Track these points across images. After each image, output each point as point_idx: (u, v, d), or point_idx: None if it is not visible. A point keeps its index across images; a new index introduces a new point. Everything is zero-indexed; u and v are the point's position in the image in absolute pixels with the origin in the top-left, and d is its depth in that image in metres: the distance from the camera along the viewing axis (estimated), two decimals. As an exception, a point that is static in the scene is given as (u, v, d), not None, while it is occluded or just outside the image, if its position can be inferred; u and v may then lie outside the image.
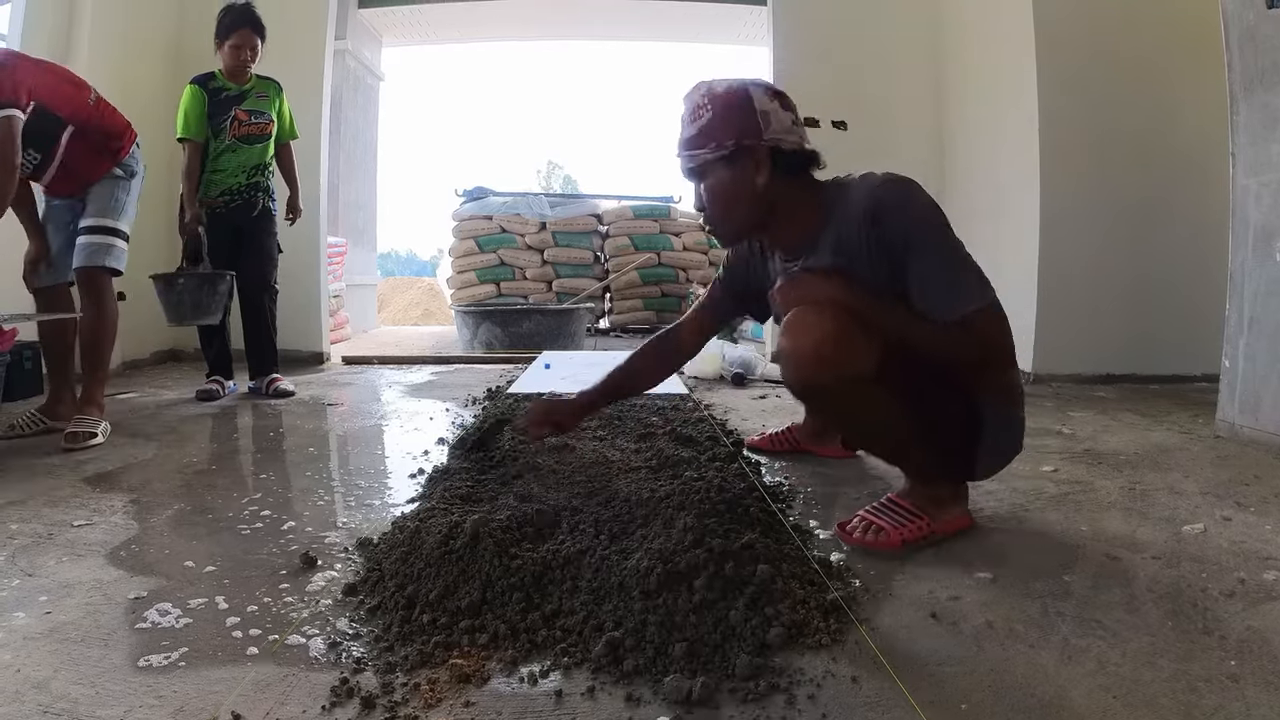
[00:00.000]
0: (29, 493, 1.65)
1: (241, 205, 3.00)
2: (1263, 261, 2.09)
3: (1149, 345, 3.21)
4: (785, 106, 1.36)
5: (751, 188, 1.33)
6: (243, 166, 2.99)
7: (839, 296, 1.26)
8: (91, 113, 2.24)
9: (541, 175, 28.41)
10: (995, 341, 1.30)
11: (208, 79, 2.95)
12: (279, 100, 3.09)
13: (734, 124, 1.31)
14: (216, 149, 2.94)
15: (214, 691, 0.87)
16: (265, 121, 3.02)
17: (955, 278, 1.27)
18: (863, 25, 3.95)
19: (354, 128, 6.36)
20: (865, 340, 1.23)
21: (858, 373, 1.24)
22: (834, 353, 1.22)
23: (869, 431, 1.45)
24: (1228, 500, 1.60)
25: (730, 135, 1.31)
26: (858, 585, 1.18)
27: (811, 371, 1.25)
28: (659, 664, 0.92)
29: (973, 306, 1.25)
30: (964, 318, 1.25)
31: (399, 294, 12.05)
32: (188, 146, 2.88)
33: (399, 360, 4.18)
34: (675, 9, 6.38)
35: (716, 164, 1.34)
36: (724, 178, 1.34)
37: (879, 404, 1.31)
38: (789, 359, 1.27)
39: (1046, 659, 0.96)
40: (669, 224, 6.39)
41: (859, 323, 1.23)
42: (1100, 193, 3.16)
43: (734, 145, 1.31)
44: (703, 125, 1.33)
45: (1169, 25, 3.11)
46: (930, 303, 1.26)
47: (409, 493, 1.66)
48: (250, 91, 2.99)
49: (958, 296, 1.25)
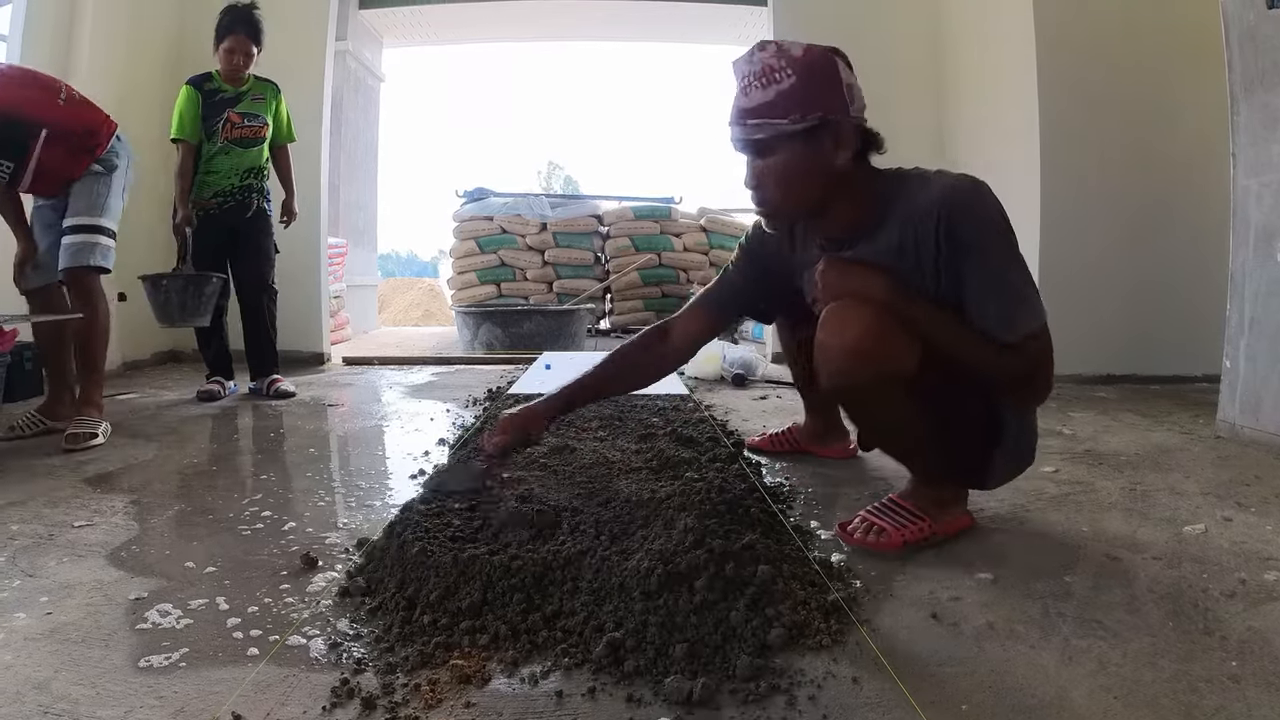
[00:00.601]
0: (30, 493, 1.65)
1: (235, 207, 2.98)
2: (1263, 262, 2.09)
3: (1150, 346, 3.21)
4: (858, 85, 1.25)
5: (828, 168, 1.22)
6: (236, 169, 2.97)
7: (886, 294, 1.20)
8: (63, 113, 2.17)
9: (542, 176, 28.40)
10: (1045, 366, 1.25)
11: (204, 80, 2.92)
12: (276, 103, 3.06)
13: (819, 94, 1.18)
14: (210, 151, 2.92)
15: (214, 692, 0.87)
16: (259, 125, 2.99)
17: (1020, 296, 1.21)
18: (863, 25, 3.95)
19: (354, 128, 6.37)
20: (907, 342, 1.19)
21: (895, 374, 1.19)
22: (873, 351, 1.17)
23: (890, 430, 1.38)
24: (1228, 501, 1.60)
25: (816, 107, 1.18)
26: (858, 586, 1.18)
27: (848, 368, 1.20)
28: (660, 665, 0.92)
29: (1032, 328, 1.21)
30: (1021, 339, 1.20)
31: (399, 295, 12.04)
32: (181, 147, 2.88)
33: (400, 361, 4.18)
34: (675, 9, 6.37)
35: (793, 138, 1.19)
36: (798, 154, 1.20)
37: (907, 405, 1.27)
38: (826, 354, 1.22)
39: (1047, 660, 0.96)
40: (670, 225, 6.39)
41: (902, 324, 1.19)
42: (1101, 193, 3.16)
43: (820, 118, 1.18)
44: (782, 91, 1.17)
45: (1169, 26, 3.11)
46: (989, 319, 1.20)
47: (410, 494, 1.66)
48: (246, 94, 2.97)
49: (1019, 316, 1.20)
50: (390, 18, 6.38)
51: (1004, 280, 1.21)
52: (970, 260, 1.19)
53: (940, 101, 4.00)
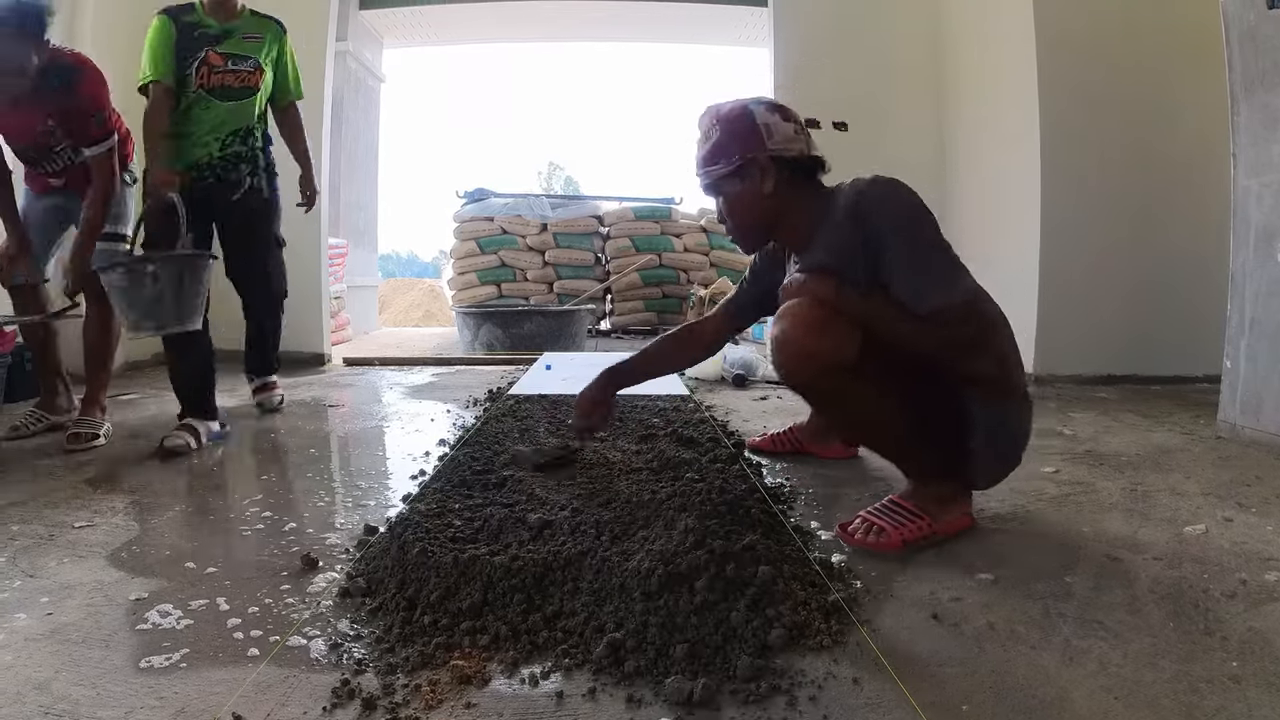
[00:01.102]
0: (30, 494, 1.65)
1: (215, 185, 2.30)
2: (1264, 262, 2.09)
3: (1150, 346, 3.20)
4: (786, 118, 1.45)
5: (760, 196, 1.44)
6: (215, 131, 2.28)
7: (823, 291, 1.34)
8: (118, 121, 2.21)
9: (542, 176, 28.45)
10: (959, 339, 1.31)
11: (182, 10, 2.28)
12: (277, 46, 2.43)
13: (738, 140, 1.42)
14: (183, 104, 2.24)
15: (215, 693, 0.88)
16: (248, 70, 2.31)
17: (923, 272, 1.31)
18: (863, 26, 3.95)
19: (355, 129, 6.37)
20: (845, 329, 1.30)
21: (839, 359, 1.30)
22: (814, 339, 1.30)
23: (863, 426, 1.49)
24: (1229, 501, 1.60)
25: (735, 150, 1.42)
26: (859, 586, 1.18)
27: (793, 356, 1.33)
28: (660, 665, 0.92)
29: (938, 301, 1.28)
30: (932, 312, 1.28)
31: (400, 295, 12.05)
32: (153, 90, 2.21)
33: (400, 362, 4.18)
34: (675, 10, 6.38)
35: (728, 178, 1.45)
36: (736, 190, 1.45)
37: (869, 398, 1.36)
38: (775, 345, 1.35)
39: (1048, 660, 0.96)
40: (670, 225, 6.39)
41: (840, 313, 1.31)
42: (1101, 193, 3.16)
43: (739, 159, 1.42)
44: (712, 145, 1.45)
45: (1169, 26, 3.11)
46: (902, 296, 1.30)
47: (412, 493, 1.66)
48: (235, 31, 2.30)
49: (924, 290, 1.29)
50: (390, 18, 6.38)
51: (907, 262, 1.31)
52: (885, 247, 1.32)
53: (940, 102, 4.00)
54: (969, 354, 1.33)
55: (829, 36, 3.95)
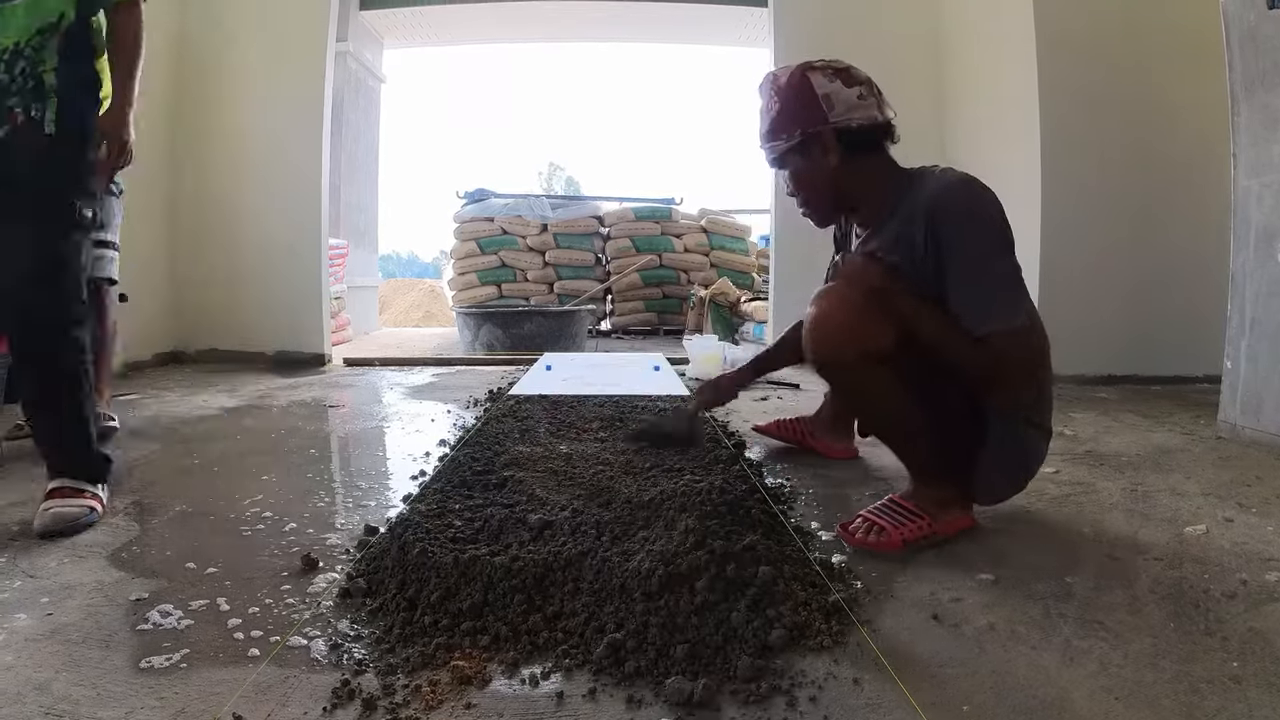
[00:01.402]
0: (30, 493, 1.65)
1: None
2: (1264, 262, 2.09)
3: (1150, 346, 3.20)
4: (848, 82, 1.39)
5: (825, 171, 1.39)
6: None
7: (875, 281, 1.30)
8: None
9: (543, 177, 28.48)
10: (1011, 367, 1.29)
11: None
12: None
13: (799, 113, 1.37)
14: None
15: (215, 693, 0.87)
16: None
17: (986, 294, 1.27)
18: (863, 25, 3.95)
19: (355, 129, 6.38)
20: (884, 321, 1.26)
21: (872, 350, 1.27)
22: (851, 325, 1.27)
23: (878, 418, 1.47)
24: (1230, 501, 1.60)
25: (796, 125, 1.38)
26: (859, 587, 1.18)
27: (827, 336, 1.30)
28: (660, 666, 0.92)
29: (995, 327, 1.25)
30: (985, 336, 1.25)
31: (400, 296, 12.06)
32: None
33: (400, 362, 4.18)
34: (675, 10, 6.39)
35: (791, 154, 1.41)
36: (800, 166, 1.42)
37: (892, 391, 1.33)
38: (809, 326, 1.32)
39: (1048, 660, 0.96)
40: (670, 226, 6.39)
41: (884, 305, 1.27)
42: (1101, 193, 3.16)
43: (801, 134, 1.37)
44: (773, 118, 1.41)
45: (1169, 26, 3.11)
46: (963, 312, 1.27)
47: (412, 493, 1.66)
48: None
49: (983, 314, 1.26)
50: (391, 18, 6.39)
51: (972, 280, 1.28)
52: (953, 257, 1.28)
53: (940, 102, 4.00)
54: (1010, 383, 1.31)
55: (829, 37, 3.94)
